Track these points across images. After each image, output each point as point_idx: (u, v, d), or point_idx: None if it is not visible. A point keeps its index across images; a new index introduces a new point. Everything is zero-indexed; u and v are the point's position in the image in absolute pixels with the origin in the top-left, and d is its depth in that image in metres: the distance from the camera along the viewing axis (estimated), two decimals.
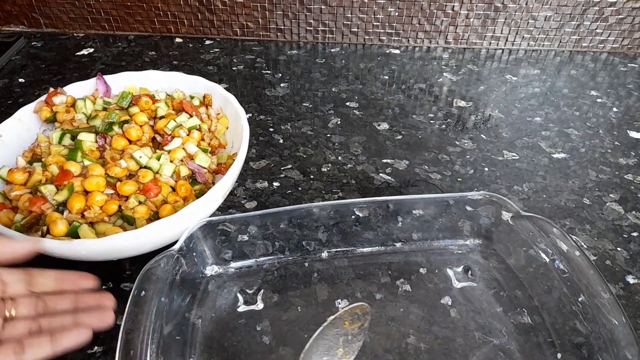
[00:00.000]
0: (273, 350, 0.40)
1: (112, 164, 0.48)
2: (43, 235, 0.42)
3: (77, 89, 0.58)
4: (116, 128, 0.52)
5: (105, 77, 0.59)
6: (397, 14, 0.86)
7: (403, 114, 0.71)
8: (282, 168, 0.60)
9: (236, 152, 0.50)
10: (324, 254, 0.48)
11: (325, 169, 0.60)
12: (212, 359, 0.39)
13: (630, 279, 0.47)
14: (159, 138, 0.53)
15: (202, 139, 0.54)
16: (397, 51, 0.88)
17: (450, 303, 0.44)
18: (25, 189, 0.46)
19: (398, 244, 0.49)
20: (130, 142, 0.51)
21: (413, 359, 0.40)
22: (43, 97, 0.56)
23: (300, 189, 0.57)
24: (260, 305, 0.44)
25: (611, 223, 0.54)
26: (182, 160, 0.50)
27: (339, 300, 0.44)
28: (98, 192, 0.45)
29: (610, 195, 0.58)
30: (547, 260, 0.43)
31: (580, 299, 0.40)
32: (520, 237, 0.46)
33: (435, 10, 0.85)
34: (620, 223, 0.54)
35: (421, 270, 0.47)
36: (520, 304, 0.44)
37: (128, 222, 0.45)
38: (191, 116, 0.55)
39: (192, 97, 0.59)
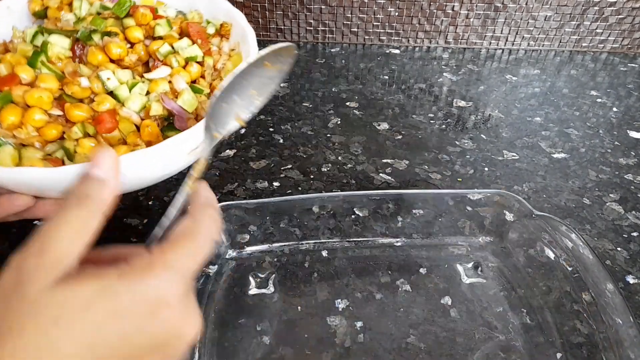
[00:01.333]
0: (273, 350, 0.40)
1: (70, 79, 0.40)
2: None
3: None
4: (96, 38, 0.42)
5: None
6: (397, 13, 0.86)
7: (403, 114, 0.71)
8: (282, 168, 0.60)
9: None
10: (327, 250, 0.48)
11: (325, 169, 0.60)
12: (212, 359, 0.39)
13: (630, 279, 0.47)
14: (151, 64, 0.44)
15: (202, 76, 0.45)
16: (397, 51, 0.88)
17: (456, 299, 0.45)
18: None
19: (408, 240, 0.50)
20: (111, 60, 0.42)
21: (418, 352, 0.40)
22: None
23: (300, 189, 0.57)
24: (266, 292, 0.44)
25: (611, 223, 0.54)
26: (161, 96, 0.41)
27: (339, 300, 0.44)
28: (39, 110, 0.38)
29: (610, 195, 0.58)
30: (558, 259, 0.44)
31: (589, 299, 0.40)
32: (531, 236, 0.46)
33: (435, 10, 0.85)
34: (620, 223, 0.54)
35: (431, 265, 0.48)
36: (528, 302, 0.44)
37: (68, 155, 0.37)
38: (194, 43, 0.45)
39: (208, 22, 0.49)
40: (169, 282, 0.24)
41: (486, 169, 0.61)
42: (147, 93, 0.41)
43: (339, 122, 0.69)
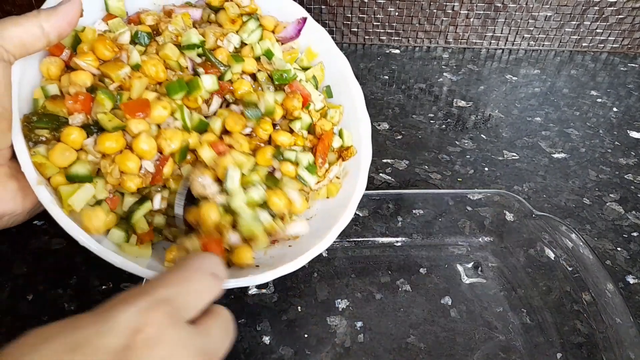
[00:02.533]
0: (273, 350, 0.40)
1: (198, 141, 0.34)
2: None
3: None
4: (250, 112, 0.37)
5: None
6: (397, 13, 0.86)
7: (403, 114, 0.71)
8: None
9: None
10: (327, 250, 0.48)
11: None
12: None
13: (631, 279, 0.47)
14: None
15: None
16: (397, 51, 0.88)
17: (457, 299, 0.44)
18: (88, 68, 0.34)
19: (408, 240, 0.50)
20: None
21: (418, 352, 0.40)
22: None
23: None
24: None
25: (611, 223, 0.54)
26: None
27: (339, 300, 0.44)
28: (136, 157, 0.33)
29: (610, 195, 0.58)
30: (558, 259, 0.44)
31: (589, 299, 0.40)
32: (531, 236, 0.46)
33: (435, 10, 0.85)
34: (620, 223, 0.54)
35: (431, 265, 0.48)
36: (528, 302, 0.44)
37: (127, 222, 0.34)
38: (315, 163, 0.40)
39: (340, 133, 0.42)
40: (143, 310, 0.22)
41: (486, 169, 0.61)
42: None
43: None
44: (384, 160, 0.62)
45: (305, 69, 0.43)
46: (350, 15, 0.86)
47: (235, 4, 0.41)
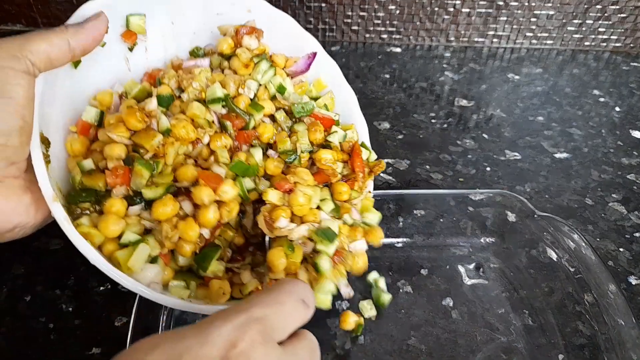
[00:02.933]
0: None
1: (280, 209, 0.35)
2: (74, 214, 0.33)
3: None
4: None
5: None
6: (398, 12, 0.85)
7: (404, 113, 0.71)
8: None
9: None
10: None
11: None
12: None
13: (633, 280, 0.47)
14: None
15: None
16: (398, 49, 0.88)
17: (458, 300, 0.44)
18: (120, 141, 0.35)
19: (409, 240, 0.49)
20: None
21: (419, 354, 0.40)
22: None
23: None
24: None
25: (614, 223, 0.54)
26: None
27: (339, 302, 0.44)
28: (201, 228, 0.34)
29: (612, 195, 0.57)
30: (560, 260, 0.43)
31: (592, 300, 0.40)
32: (533, 236, 0.46)
33: (436, 9, 0.84)
34: (622, 223, 0.54)
35: (432, 266, 0.47)
36: (530, 303, 0.44)
37: (184, 273, 0.36)
38: (352, 188, 0.39)
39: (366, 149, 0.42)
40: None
41: (488, 168, 0.61)
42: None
43: None
44: (385, 160, 0.61)
45: (314, 99, 0.44)
46: (350, 13, 0.86)
47: (245, 49, 0.42)
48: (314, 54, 0.45)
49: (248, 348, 0.23)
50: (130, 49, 0.41)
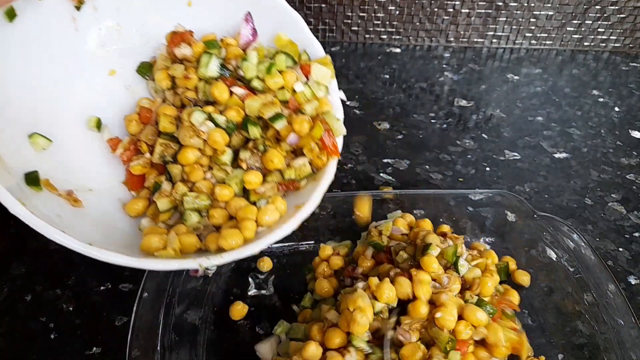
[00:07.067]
0: None
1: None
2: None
3: None
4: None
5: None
6: (397, 12, 0.85)
7: (404, 113, 0.71)
8: None
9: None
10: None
11: None
12: (213, 359, 0.39)
13: (632, 280, 0.47)
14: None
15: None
16: (398, 50, 0.88)
17: None
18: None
19: None
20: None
21: None
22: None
23: None
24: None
25: (613, 223, 0.54)
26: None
27: None
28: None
29: (612, 195, 0.58)
30: (560, 260, 0.43)
31: (591, 300, 0.40)
32: (533, 236, 0.46)
33: (436, 9, 0.85)
34: (622, 223, 0.54)
35: None
36: (530, 303, 0.44)
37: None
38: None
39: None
40: None
41: (487, 169, 0.61)
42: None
43: None
44: (385, 160, 0.61)
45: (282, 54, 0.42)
46: (350, 13, 0.86)
47: (183, 60, 0.40)
48: (249, 15, 0.42)
49: None
50: (78, 8, 0.38)
